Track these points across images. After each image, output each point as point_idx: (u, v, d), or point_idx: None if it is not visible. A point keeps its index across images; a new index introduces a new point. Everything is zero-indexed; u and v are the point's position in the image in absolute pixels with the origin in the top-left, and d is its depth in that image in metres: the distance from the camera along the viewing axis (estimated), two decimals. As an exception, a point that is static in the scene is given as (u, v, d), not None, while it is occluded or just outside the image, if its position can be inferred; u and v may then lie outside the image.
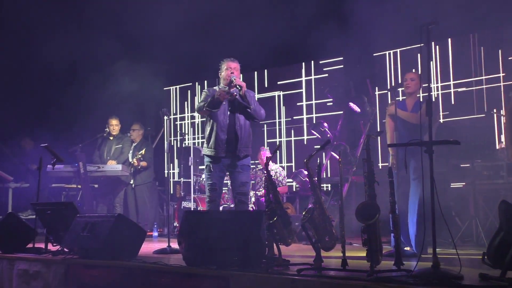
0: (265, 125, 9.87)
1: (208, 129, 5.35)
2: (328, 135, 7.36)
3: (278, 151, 6.35)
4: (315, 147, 8.52)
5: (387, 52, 8.53)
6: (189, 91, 11.10)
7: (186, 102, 11.14)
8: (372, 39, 7.47)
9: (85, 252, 4.75)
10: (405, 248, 4.99)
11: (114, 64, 9.08)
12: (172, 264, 4.19)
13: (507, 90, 6.99)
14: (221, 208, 7.47)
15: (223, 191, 7.49)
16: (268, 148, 8.93)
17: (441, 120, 7.57)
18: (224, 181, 5.74)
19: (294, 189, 8.85)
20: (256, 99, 5.49)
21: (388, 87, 8.18)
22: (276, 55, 8.97)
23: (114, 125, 8.25)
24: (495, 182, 6.05)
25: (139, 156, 8.09)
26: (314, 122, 8.56)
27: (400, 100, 5.63)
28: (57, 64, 9.21)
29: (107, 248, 4.59)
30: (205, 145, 5.37)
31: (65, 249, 5.00)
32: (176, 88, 11.33)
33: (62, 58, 9.13)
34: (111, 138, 8.27)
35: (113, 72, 9.29)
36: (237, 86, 5.11)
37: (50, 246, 5.40)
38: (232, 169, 5.30)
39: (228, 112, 5.26)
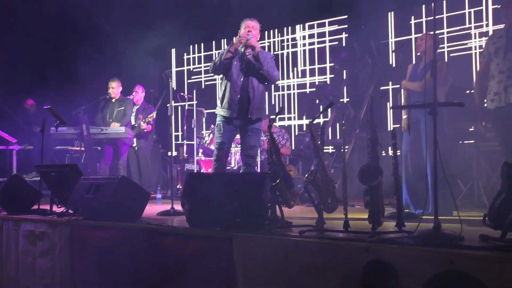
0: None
1: (222, 88, 5.37)
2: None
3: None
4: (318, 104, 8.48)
5: (389, 13, 8.38)
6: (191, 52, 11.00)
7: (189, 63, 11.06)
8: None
9: (89, 214, 4.79)
10: (405, 210, 5.01)
11: (117, 25, 8.97)
12: (175, 226, 4.24)
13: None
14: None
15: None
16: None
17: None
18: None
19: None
20: (272, 57, 5.41)
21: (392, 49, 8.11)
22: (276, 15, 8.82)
23: (114, 88, 8.19)
24: (498, 144, 6.04)
25: (149, 119, 8.09)
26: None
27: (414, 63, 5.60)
28: (60, 24, 9.11)
29: (111, 209, 4.64)
30: (218, 104, 5.39)
31: (70, 211, 5.05)
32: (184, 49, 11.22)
33: (65, 17, 9.02)
34: (114, 100, 8.25)
35: (116, 33, 9.19)
36: (251, 47, 5.07)
37: (55, 208, 5.45)
38: (243, 131, 5.32)
39: (242, 74, 5.23)
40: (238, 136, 5.55)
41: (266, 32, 9.84)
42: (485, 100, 4.81)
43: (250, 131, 5.27)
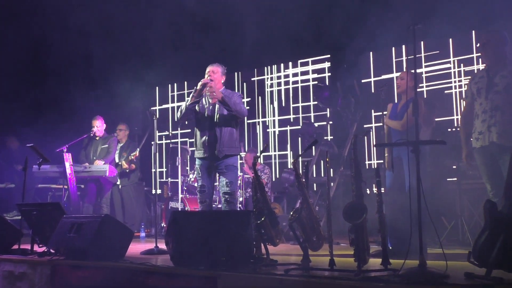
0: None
1: (194, 132, 5.51)
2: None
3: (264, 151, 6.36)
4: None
5: (371, 53, 8.56)
6: (173, 89, 11.08)
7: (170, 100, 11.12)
8: (360, 38, 7.51)
9: (71, 253, 4.71)
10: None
11: (102, 64, 9.04)
12: (159, 265, 4.18)
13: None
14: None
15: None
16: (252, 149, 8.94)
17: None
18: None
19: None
20: (239, 96, 5.51)
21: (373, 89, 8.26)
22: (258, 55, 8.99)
23: (98, 126, 8.19)
24: (480, 181, 6.11)
25: (132, 157, 8.05)
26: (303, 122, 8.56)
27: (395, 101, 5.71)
28: (44, 64, 9.15)
29: (94, 249, 4.56)
30: (194, 147, 5.49)
31: (51, 250, 4.96)
32: (167, 87, 11.29)
33: (48, 58, 9.08)
34: (97, 138, 8.22)
35: (100, 72, 9.25)
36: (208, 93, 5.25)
37: (36, 247, 5.35)
38: (217, 170, 5.38)
39: (208, 115, 5.37)
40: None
41: (253, 69, 9.97)
42: (471, 139, 4.89)
43: (225, 168, 5.31)
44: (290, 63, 9.68)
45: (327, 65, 9.14)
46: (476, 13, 6.65)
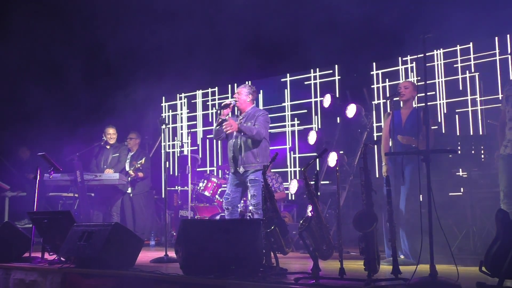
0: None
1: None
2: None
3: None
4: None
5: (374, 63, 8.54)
6: (183, 100, 11.12)
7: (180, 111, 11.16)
8: (370, 47, 7.52)
9: (82, 261, 4.73)
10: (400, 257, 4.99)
11: (114, 73, 9.11)
12: (169, 273, 4.18)
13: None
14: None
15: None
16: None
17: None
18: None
19: (290, 197, 8.84)
20: (263, 115, 5.77)
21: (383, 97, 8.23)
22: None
23: (111, 134, 8.25)
24: (492, 190, 6.06)
25: (138, 165, 8.08)
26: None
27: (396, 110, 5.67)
28: (53, 72, 9.24)
29: (104, 257, 4.58)
30: None
31: (62, 258, 4.98)
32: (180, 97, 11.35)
33: (58, 66, 9.16)
34: (108, 147, 8.28)
35: (112, 80, 9.32)
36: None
37: (46, 255, 5.38)
38: (244, 184, 5.76)
39: (234, 133, 5.76)
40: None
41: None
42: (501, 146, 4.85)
43: (248, 182, 5.65)
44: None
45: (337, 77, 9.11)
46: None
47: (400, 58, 8.16)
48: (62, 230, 5.17)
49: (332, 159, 7.42)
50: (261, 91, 9.53)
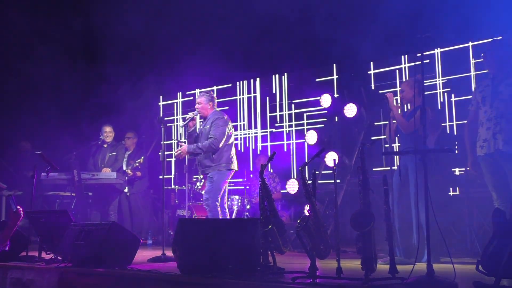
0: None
1: None
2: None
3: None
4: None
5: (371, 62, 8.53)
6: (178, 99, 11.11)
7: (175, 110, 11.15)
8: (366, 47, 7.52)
9: (79, 261, 4.72)
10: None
11: (112, 71, 9.08)
12: (166, 272, 4.18)
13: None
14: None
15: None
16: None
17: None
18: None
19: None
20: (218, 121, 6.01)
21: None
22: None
23: (108, 133, 8.24)
24: (488, 190, 6.09)
25: (137, 164, 8.07)
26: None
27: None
28: (52, 70, 9.20)
29: (101, 256, 4.57)
30: None
31: (59, 258, 4.97)
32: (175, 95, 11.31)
33: (57, 65, 9.12)
34: (105, 145, 8.26)
35: (110, 79, 9.29)
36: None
37: (43, 255, 5.36)
38: None
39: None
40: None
41: (257, 79, 9.97)
42: (476, 147, 4.87)
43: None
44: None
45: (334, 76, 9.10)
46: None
47: (403, 56, 8.16)
48: (59, 229, 5.16)
49: (330, 158, 7.43)
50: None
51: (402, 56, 8.16)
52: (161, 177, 6.18)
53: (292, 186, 8.22)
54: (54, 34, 8.87)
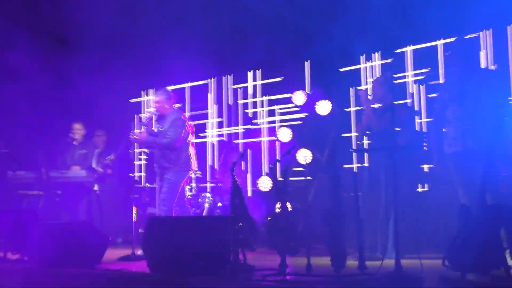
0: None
1: None
2: None
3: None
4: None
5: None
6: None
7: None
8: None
9: (46, 261, 4.64)
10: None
11: (87, 66, 8.91)
12: (136, 271, 4.14)
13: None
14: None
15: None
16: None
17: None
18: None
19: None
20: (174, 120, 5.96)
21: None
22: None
23: (77, 130, 8.10)
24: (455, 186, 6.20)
25: (107, 161, 7.96)
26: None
27: None
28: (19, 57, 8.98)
29: (69, 255, 4.51)
30: None
31: (25, 258, 4.88)
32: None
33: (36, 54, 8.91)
34: (75, 143, 8.13)
35: (82, 71, 9.13)
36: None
37: (9, 255, 5.25)
38: None
39: None
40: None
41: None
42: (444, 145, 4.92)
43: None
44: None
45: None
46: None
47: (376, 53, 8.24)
48: (25, 228, 5.07)
49: (301, 155, 7.46)
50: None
51: (375, 54, 8.24)
52: (131, 174, 6.14)
53: (264, 183, 8.23)
54: (23, 18, 8.65)
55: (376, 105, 5.75)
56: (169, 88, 6.41)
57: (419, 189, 6.79)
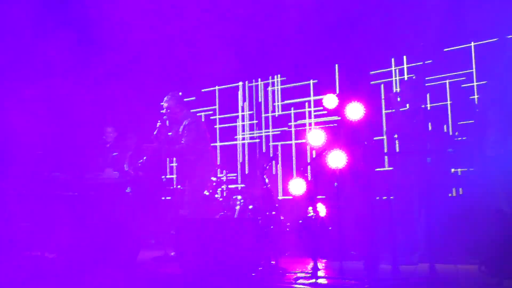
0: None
1: None
2: None
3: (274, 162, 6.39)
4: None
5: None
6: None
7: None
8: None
9: (82, 260, 4.74)
10: None
11: (119, 69, 9.06)
12: (168, 272, 4.18)
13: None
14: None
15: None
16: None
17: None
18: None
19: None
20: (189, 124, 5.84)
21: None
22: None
23: (110, 133, 8.24)
24: (490, 191, 6.06)
25: (139, 164, 8.07)
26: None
27: None
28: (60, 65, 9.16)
29: (104, 256, 4.59)
30: None
31: (61, 257, 4.98)
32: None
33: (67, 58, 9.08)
34: (108, 145, 8.26)
35: (116, 79, 9.28)
36: None
37: (46, 254, 5.37)
38: None
39: None
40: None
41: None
42: None
43: None
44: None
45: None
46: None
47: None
48: (61, 229, 5.17)
49: (333, 158, 7.40)
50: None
51: (404, 57, 8.16)
52: (163, 177, 6.20)
53: (296, 186, 8.18)
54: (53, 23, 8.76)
55: (405, 108, 5.69)
56: (203, 90, 6.32)
57: (453, 194, 6.67)
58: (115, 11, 8.29)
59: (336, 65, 8.85)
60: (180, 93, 6.03)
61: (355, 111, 7.41)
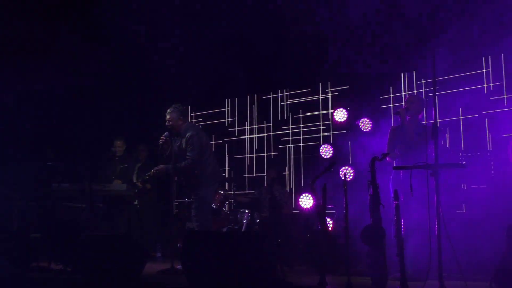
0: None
1: None
2: None
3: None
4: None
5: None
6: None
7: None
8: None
9: (87, 272, 4.72)
10: None
11: (128, 86, 9.13)
12: (175, 286, 4.16)
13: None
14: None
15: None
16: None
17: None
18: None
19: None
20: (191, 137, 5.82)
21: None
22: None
23: (118, 147, 8.27)
24: (501, 206, 6.00)
25: (147, 177, 8.08)
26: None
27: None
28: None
29: (110, 268, 4.57)
30: None
31: (68, 269, 4.98)
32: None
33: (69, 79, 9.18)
34: (117, 158, 8.29)
35: (124, 92, 9.34)
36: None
37: (53, 265, 5.37)
38: None
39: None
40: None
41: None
42: None
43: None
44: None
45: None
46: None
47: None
48: (68, 240, 5.18)
49: (342, 172, 7.38)
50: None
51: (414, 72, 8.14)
52: (171, 190, 6.20)
53: (305, 201, 8.18)
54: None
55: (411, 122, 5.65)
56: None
57: (462, 210, 6.61)
58: (130, 24, 8.37)
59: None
60: (180, 106, 6.03)
61: (365, 125, 7.43)
